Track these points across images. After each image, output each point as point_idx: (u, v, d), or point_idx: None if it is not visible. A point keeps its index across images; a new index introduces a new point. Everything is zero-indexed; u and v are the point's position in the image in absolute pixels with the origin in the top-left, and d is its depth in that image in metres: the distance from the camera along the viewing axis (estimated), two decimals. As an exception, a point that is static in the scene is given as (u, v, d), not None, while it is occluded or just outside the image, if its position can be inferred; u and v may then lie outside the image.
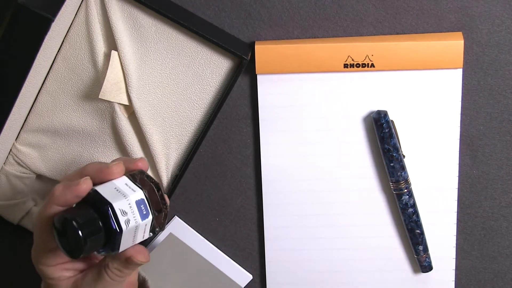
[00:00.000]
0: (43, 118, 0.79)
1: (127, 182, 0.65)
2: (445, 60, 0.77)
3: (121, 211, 0.63)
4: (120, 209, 0.63)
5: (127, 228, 0.63)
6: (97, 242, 0.62)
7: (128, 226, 0.63)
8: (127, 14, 0.76)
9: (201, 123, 0.79)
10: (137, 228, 0.64)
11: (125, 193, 0.64)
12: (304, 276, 0.85)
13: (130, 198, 0.63)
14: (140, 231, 0.65)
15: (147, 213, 0.64)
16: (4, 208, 0.81)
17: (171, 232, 0.85)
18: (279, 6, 0.78)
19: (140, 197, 0.64)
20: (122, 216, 0.63)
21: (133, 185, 0.65)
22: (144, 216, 0.64)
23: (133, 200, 0.64)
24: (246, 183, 0.83)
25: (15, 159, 0.80)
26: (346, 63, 0.77)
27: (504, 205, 0.83)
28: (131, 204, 0.63)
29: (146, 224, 0.65)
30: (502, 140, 0.81)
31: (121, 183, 0.65)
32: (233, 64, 0.77)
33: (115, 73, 0.76)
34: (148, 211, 0.65)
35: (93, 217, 0.62)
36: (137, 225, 0.64)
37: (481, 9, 0.77)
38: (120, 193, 0.63)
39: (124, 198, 0.63)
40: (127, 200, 0.63)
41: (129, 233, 0.63)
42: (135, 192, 0.64)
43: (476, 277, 0.85)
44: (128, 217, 0.63)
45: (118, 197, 0.63)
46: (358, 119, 0.80)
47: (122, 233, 0.63)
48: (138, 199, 0.64)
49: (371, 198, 0.82)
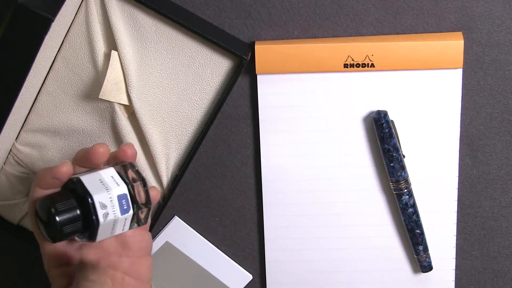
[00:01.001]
0: (43, 118, 0.79)
1: (113, 174, 0.66)
2: (445, 60, 0.77)
3: (100, 204, 0.64)
4: (100, 202, 0.64)
5: (104, 221, 0.64)
6: (74, 229, 0.64)
7: (106, 219, 0.64)
8: (127, 14, 0.76)
9: (201, 123, 0.79)
10: (116, 222, 0.65)
11: (108, 186, 0.65)
12: (304, 276, 0.85)
13: (112, 192, 0.65)
14: (119, 225, 0.66)
15: (128, 208, 0.66)
16: (4, 208, 0.81)
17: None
18: (279, 6, 0.78)
19: (122, 192, 0.65)
20: (101, 209, 0.64)
21: (118, 179, 0.66)
22: (124, 211, 0.65)
23: (115, 194, 0.65)
24: (246, 183, 0.83)
25: (15, 159, 0.80)
26: (346, 63, 0.77)
27: (504, 205, 0.83)
28: (112, 198, 0.65)
29: (126, 218, 0.66)
30: (502, 140, 0.81)
31: (107, 175, 0.66)
32: (233, 64, 0.77)
33: (115, 73, 0.76)
34: (129, 206, 0.66)
35: (72, 205, 0.64)
36: (116, 219, 0.65)
37: (481, 9, 0.77)
38: (103, 185, 0.65)
39: (106, 192, 0.64)
40: (108, 193, 0.64)
41: (107, 226, 0.65)
42: (118, 187, 0.65)
43: (476, 277, 0.85)
44: (107, 211, 0.64)
45: (100, 190, 0.64)
46: (358, 119, 0.80)
47: (99, 225, 0.64)
48: (120, 194, 0.65)
49: (371, 198, 0.82)
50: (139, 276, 0.70)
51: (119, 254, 0.70)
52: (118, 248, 0.70)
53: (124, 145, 0.68)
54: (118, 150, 0.68)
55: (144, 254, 0.71)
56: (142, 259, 0.71)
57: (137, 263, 0.70)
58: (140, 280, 0.70)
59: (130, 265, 0.70)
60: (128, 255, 0.70)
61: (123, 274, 0.70)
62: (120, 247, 0.70)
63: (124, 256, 0.70)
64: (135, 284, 0.70)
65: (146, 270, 0.71)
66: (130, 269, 0.70)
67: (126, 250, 0.70)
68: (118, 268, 0.70)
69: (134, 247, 0.70)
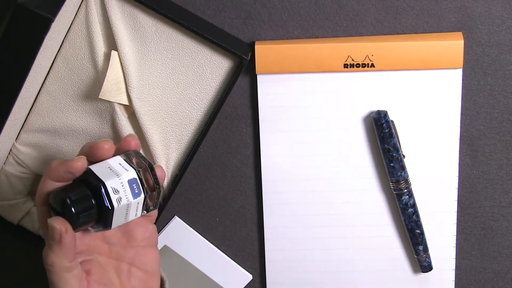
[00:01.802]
0: (43, 118, 0.79)
1: (120, 162, 0.67)
2: (445, 60, 0.77)
3: (113, 189, 0.65)
4: (112, 187, 0.65)
5: (118, 206, 0.65)
6: (89, 218, 0.65)
7: (119, 204, 0.65)
8: (127, 14, 0.76)
9: (201, 123, 0.79)
10: (129, 206, 0.66)
11: (118, 172, 0.66)
12: (304, 276, 0.85)
13: (122, 177, 0.66)
14: (133, 209, 0.67)
15: (139, 192, 0.66)
16: (4, 208, 0.81)
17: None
18: (279, 6, 0.78)
19: (132, 176, 0.66)
20: (114, 194, 0.65)
21: (126, 165, 0.67)
22: (136, 195, 0.66)
23: (126, 179, 0.66)
24: (246, 183, 0.83)
25: (15, 159, 0.80)
26: (346, 63, 0.77)
27: (504, 205, 0.83)
28: (123, 183, 0.65)
29: (138, 202, 0.67)
30: (502, 140, 0.81)
31: (115, 162, 0.67)
32: (233, 64, 0.77)
33: (115, 73, 0.76)
34: (140, 190, 0.66)
35: (86, 194, 0.64)
36: (129, 203, 0.66)
37: (481, 9, 0.77)
38: (113, 172, 0.66)
39: (116, 177, 0.65)
40: (119, 178, 0.65)
41: (121, 211, 0.65)
42: (127, 172, 0.66)
43: (476, 277, 0.85)
44: (120, 195, 0.65)
45: (110, 176, 0.65)
46: (358, 119, 0.80)
47: (114, 211, 0.65)
48: (130, 178, 0.66)
49: (371, 198, 0.82)
50: (145, 267, 0.71)
51: (123, 245, 0.70)
52: (121, 238, 0.70)
53: (128, 136, 0.69)
54: (122, 141, 0.69)
55: (149, 244, 0.71)
56: (147, 249, 0.71)
57: (142, 254, 0.71)
58: (146, 272, 0.71)
59: (135, 255, 0.70)
60: (133, 245, 0.70)
61: (129, 265, 0.70)
62: (124, 237, 0.70)
63: (128, 246, 0.70)
64: (143, 276, 0.70)
65: (152, 261, 0.71)
66: (135, 259, 0.70)
67: (130, 241, 0.70)
68: (123, 258, 0.70)
69: (138, 237, 0.70)
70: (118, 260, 0.70)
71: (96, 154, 0.66)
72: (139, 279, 0.71)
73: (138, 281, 0.71)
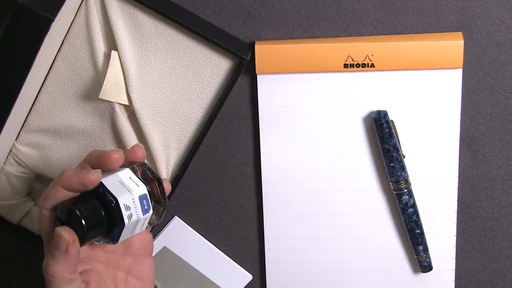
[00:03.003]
0: (43, 118, 0.79)
1: (131, 176, 0.66)
2: (445, 60, 0.77)
3: (125, 206, 0.64)
4: (125, 204, 0.64)
5: (129, 223, 0.64)
6: (99, 232, 0.64)
7: (130, 220, 0.64)
8: (127, 14, 0.76)
9: (201, 123, 0.79)
10: (138, 222, 0.66)
11: (129, 187, 0.65)
12: (304, 276, 0.85)
13: (134, 193, 0.65)
14: (139, 224, 0.66)
15: (148, 208, 0.66)
16: (4, 208, 0.81)
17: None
18: (279, 6, 0.78)
19: (143, 193, 0.66)
20: (125, 211, 0.64)
21: (137, 180, 0.66)
22: (145, 211, 0.66)
23: (137, 195, 0.65)
24: (246, 183, 0.83)
25: (15, 159, 0.80)
26: (346, 63, 0.77)
27: (504, 205, 0.83)
28: (134, 200, 0.65)
29: (146, 218, 0.66)
30: (502, 140, 0.81)
31: (125, 176, 0.66)
32: (233, 64, 0.77)
33: (115, 73, 0.76)
34: (149, 206, 0.66)
35: (97, 209, 0.63)
36: (138, 219, 0.65)
37: (481, 9, 0.77)
38: (124, 187, 0.65)
39: (128, 193, 0.65)
40: (131, 195, 0.65)
41: (130, 227, 0.65)
42: (138, 187, 0.66)
43: (476, 277, 0.85)
44: (131, 212, 0.65)
45: (122, 192, 0.64)
46: (358, 119, 0.80)
47: (123, 227, 0.64)
48: (141, 194, 0.65)
49: (371, 198, 0.82)
50: (141, 275, 0.71)
51: (121, 253, 0.70)
52: (119, 246, 0.70)
53: (135, 146, 0.68)
54: (129, 150, 0.68)
55: (146, 253, 0.71)
56: (144, 258, 0.71)
57: (138, 263, 0.71)
58: (142, 280, 0.71)
59: (131, 264, 0.70)
60: (130, 253, 0.70)
61: (125, 274, 0.70)
62: (122, 246, 0.70)
63: (126, 254, 0.70)
64: (138, 285, 0.70)
65: (148, 270, 0.71)
66: (132, 268, 0.70)
67: (128, 249, 0.70)
68: (120, 267, 0.70)
69: (135, 246, 0.70)
70: (115, 268, 0.70)
71: (105, 164, 0.65)
72: (135, 287, 0.70)
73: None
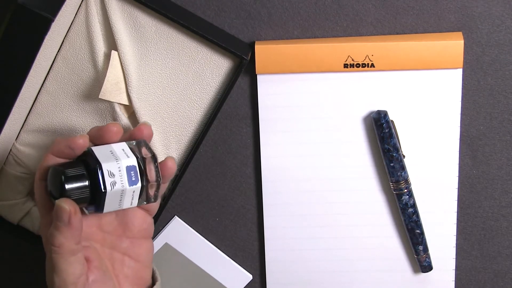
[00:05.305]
0: (43, 118, 0.79)
1: (124, 148, 0.67)
2: (445, 60, 0.77)
3: (109, 172, 0.65)
4: (108, 170, 0.65)
5: (111, 190, 0.65)
6: (82, 197, 0.65)
7: (113, 188, 0.65)
8: (127, 14, 0.76)
9: (201, 123, 0.79)
10: (124, 192, 0.66)
11: (118, 157, 0.66)
12: (304, 276, 0.85)
13: (121, 162, 0.65)
14: (127, 197, 0.66)
15: (136, 180, 0.66)
16: (4, 208, 0.81)
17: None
18: (279, 6, 0.78)
19: (131, 163, 0.66)
20: (109, 178, 0.65)
21: (129, 151, 0.67)
22: (132, 182, 0.66)
23: (124, 165, 0.66)
24: (246, 183, 0.83)
25: (15, 159, 0.80)
26: (346, 63, 0.77)
27: (504, 205, 0.83)
28: (120, 168, 0.65)
29: (133, 190, 0.66)
30: (502, 140, 0.81)
31: (118, 148, 0.67)
32: (233, 64, 0.77)
33: (115, 73, 0.76)
34: (137, 178, 0.66)
35: (81, 173, 0.65)
36: (124, 189, 0.65)
37: (481, 9, 0.77)
38: (113, 155, 0.66)
39: (115, 161, 0.65)
40: (117, 163, 0.65)
41: (114, 196, 0.65)
42: (128, 158, 0.66)
43: (476, 277, 0.85)
44: (115, 180, 0.65)
45: (109, 159, 0.65)
46: (358, 119, 0.80)
47: (106, 194, 0.65)
48: (129, 165, 0.66)
49: (371, 198, 0.82)
50: (138, 257, 0.71)
51: (119, 234, 0.70)
52: (117, 227, 0.70)
53: (141, 124, 0.69)
54: (135, 128, 0.69)
55: (145, 236, 0.71)
56: (142, 241, 0.71)
57: (136, 245, 0.71)
58: (139, 262, 0.71)
59: (129, 245, 0.70)
60: (128, 235, 0.70)
61: (122, 255, 0.70)
62: (120, 227, 0.70)
63: (123, 236, 0.70)
64: (135, 266, 0.70)
65: (146, 252, 0.71)
66: (130, 250, 0.70)
67: (126, 231, 0.70)
68: (117, 248, 0.70)
69: (134, 228, 0.70)
70: (111, 249, 0.70)
71: (103, 136, 0.66)
72: (132, 268, 0.71)
73: (131, 270, 0.70)
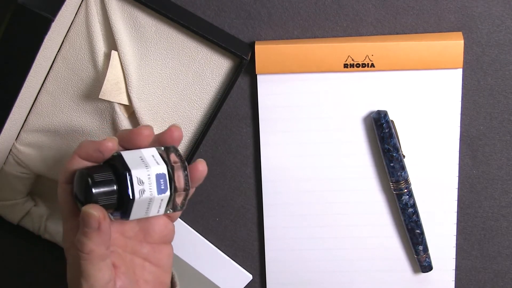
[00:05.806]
0: (43, 118, 0.79)
1: (154, 154, 0.65)
2: (445, 60, 0.77)
3: (138, 180, 0.63)
4: (138, 177, 0.63)
5: (140, 198, 0.63)
6: (109, 203, 0.63)
7: (142, 196, 0.63)
8: (127, 14, 0.76)
9: (201, 123, 0.79)
10: (152, 200, 0.64)
11: (148, 163, 0.64)
12: (304, 276, 0.85)
13: (151, 169, 0.64)
14: (155, 205, 0.65)
15: (165, 189, 0.65)
16: (4, 208, 0.81)
17: None
18: (279, 6, 0.78)
19: (161, 171, 0.64)
20: (137, 185, 0.63)
21: (159, 158, 0.65)
22: (161, 191, 0.65)
23: (154, 172, 0.64)
24: (246, 183, 0.83)
25: (15, 159, 0.80)
26: (346, 63, 0.77)
27: (504, 205, 0.83)
28: (150, 176, 0.64)
29: (162, 199, 0.65)
30: (502, 140, 0.81)
31: (148, 153, 0.65)
32: (233, 64, 0.77)
33: (115, 73, 0.76)
34: (166, 186, 0.65)
35: (109, 178, 0.63)
36: (152, 197, 0.64)
37: (481, 9, 0.77)
38: (143, 162, 0.64)
39: (145, 168, 0.64)
40: (147, 170, 0.64)
41: (142, 204, 0.64)
42: (158, 165, 0.65)
43: (476, 277, 0.85)
44: (144, 188, 0.63)
45: (139, 166, 0.64)
46: (358, 119, 0.80)
47: (134, 201, 0.63)
48: (159, 173, 0.64)
49: (371, 198, 0.82)
50: (158, 263, 0.70)
51: (139, 240, 0.69)
52: (138, 233, 0.69)
53: (172, 126, 0.68)
54: (166, 130, 0.67)
55: (165, 241, 0.70)
56: (163, 246, 0.70)
57: (157, 250, 0.70)
58: (160, 267, 0.70)
59: (149, 251, 0.70)
60: (149, 241, 0.70)
61: (142, 260, 0.70)
62: (141, 232, 0.69)
63: (144, 242, 0.69)
64: (156, 271, 0.70)
65: (166, 257, 0.70)
66: (150, 255, 0.70)
67: (147, 236, 0.69)
68: (138, 253, 0.69)
69: (155, 234, 0.69)
70: (132, 254, 0.69)
71: (134, 139, 0.65)
72: (153, 274, 0.70)
73: (152, 275, 0.70)
